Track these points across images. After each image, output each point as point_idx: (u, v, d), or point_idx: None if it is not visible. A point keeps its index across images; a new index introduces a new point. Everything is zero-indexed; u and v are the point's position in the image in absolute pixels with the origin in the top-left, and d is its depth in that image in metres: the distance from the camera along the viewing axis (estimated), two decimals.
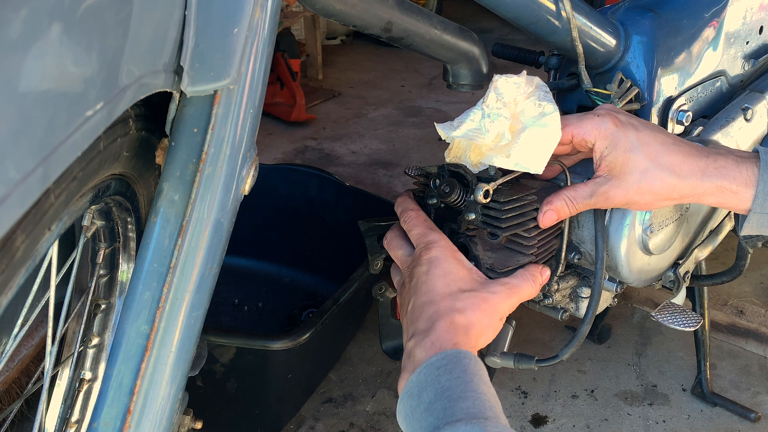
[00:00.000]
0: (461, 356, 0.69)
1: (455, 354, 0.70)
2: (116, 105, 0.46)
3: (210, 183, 0.61)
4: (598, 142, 0.81)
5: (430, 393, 0.68)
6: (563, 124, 0.81)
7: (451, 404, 0.66)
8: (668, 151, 0.80)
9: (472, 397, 0.66)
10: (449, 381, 0.67)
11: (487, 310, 0.75)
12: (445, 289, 0.76)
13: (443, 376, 0.68)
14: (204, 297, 0.65)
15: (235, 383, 1.25)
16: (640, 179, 0.80)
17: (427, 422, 0.66)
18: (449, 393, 0.67)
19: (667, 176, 0.80)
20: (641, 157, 0.79)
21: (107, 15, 0.43)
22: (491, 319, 0.76)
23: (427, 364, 0.70)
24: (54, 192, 0.50)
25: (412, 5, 0.77)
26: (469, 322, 0.74)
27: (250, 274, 1.78)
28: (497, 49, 1.15)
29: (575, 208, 0.83)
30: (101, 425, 0.62)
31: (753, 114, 1.09)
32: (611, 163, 0.80)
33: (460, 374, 0.68)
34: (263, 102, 0.63)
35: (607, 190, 0.81)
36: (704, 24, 1.06)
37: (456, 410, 0.65)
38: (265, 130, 2.80)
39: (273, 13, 0.59)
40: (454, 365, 0.69)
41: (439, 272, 0.77)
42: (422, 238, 0.81)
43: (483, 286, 0.78)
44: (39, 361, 1.22)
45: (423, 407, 0.67)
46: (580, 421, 1.40)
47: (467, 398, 0.66)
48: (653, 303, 1.70)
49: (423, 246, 0.80)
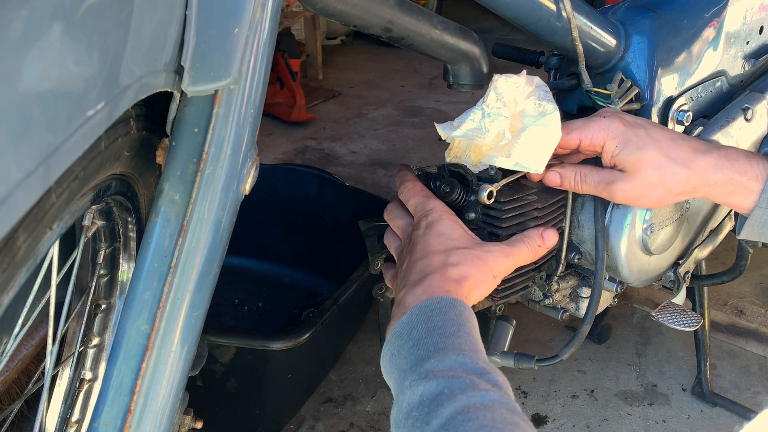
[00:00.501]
0: (456, 303, 0.69)
1: (450, 300, 0.69)
2: (117, 105, 0.46)
3: (210, 183, 0.61)
4: (608, 143, 0.81)
5: (420, 330, 0.66)
6: (569, 129, 0.81)
7: (443, 339, 0.65)
8: (679, 146, 0.81)
9: (464, 337, 0.65)
10: (442, 321, 0.67)
11: (480, 266, 0.75)
12: (440, 246, 0.76)
13: (436, 316, 0.67)
14: (204, 297, 0.65)
15: (235, 383, 1.25)
16: (653, 175, 0.80)
17: (415, 356, 0.64)
18: (441, 330, 0.66)
19: (680, 170, 0.80)
20: (654, 152, 0.80)
21: (108, 15, 0.43)
22: (485, 274, 0.75)
23: (420, 306, 0.69)
24: (55, 191, 0.51)
25: (413, 5, 0.77)
26: (461, 275, 0.73)
27: (250, 274, 1.77)
28: (497, 49, 1.15)
29: (580, 186, 0.84)
30: (102, 425, 0.62)
31: (753, 114, 1.09)
32: (623, 161, 0.81)
33: (454, 317, 0.67)
34: (264, 102, 0.63)
35: (617, 183, 0.81)
36: (704, 24, 1.06)
37: (448, 344, 0.64)
38: (265, 130, 2.80)
39: (273, 13, 0.59)
40: (448, 309, 0.68)
41: (435, 233, 0.77)
42: (420, 206, 0.81)
43: (478, 246, 0.77)
44: (39, 361, 1.22)
45: (411, 343, 0.66)
46: (580, 421, 1.40)
47: (459, 336, 0.65)
48: (653, 303, 1.70)
49: (422, 214, 0.80)
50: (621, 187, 0.81)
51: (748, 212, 0.82)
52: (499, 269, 0.77)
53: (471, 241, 0.78)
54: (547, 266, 0.94)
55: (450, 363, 0.62)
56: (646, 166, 0.80)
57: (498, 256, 0.77)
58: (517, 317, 0.89)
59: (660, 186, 0.81)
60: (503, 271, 0.78)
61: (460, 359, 0.62)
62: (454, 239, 0.77)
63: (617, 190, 0.82)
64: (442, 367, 0.61)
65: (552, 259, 0.94)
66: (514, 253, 0.79)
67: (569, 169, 0.84)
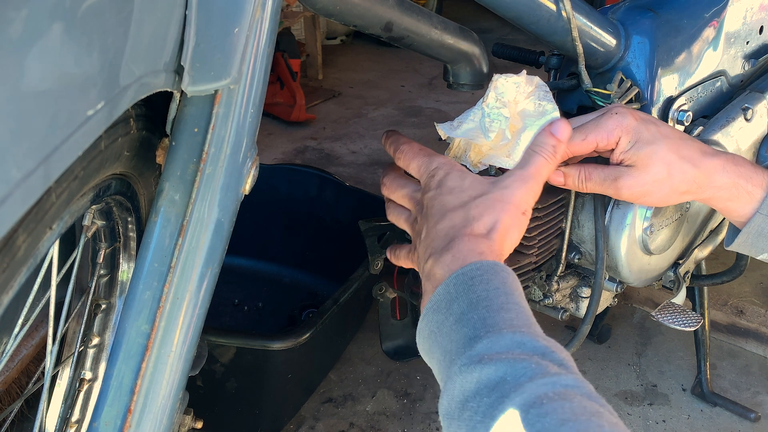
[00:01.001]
0: (499, 268, 0.62)
1: (492, 265, 0.62)
2: (117, 104, 0.46)
3: (210, 183, 0.61)
4: (623, 138, 0.80)
5: (462, 303, 0.59)
6: (583, 134, 0.80)
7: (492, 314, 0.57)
8: (688, 145, 0.81)
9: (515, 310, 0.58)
10: (486, 291, 0.59)
11: (504, 208, 0.68)
12: (456, 202, 0.69)
13: (479, 286, 0.60)
14: (204, 297, 0.65)
15: (235, 383, 1.25)
16: (662, 171, 0.79)
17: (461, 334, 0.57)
18: (487, 303, 0.58)
19: (688, 168, 0.80)
20: (665, 149, 0.79)
21: (108, 14, 0.43)
22: (513, 216, 0.68)
23: (458, 274, 0.61)
24: (55, 191, 0.51)
25: (413, 5, 0.77)
26: (488, 227, 0.67)
27: (250, 274, 1.77)
28: (497, 49, 1.15)
29: (585, 184, 0.82)
30: (102, 425, 0.62)
31: (753, 114, 1.09)
32: (633, 156, 0.80)
33: (499, 285, 0.60)
34: (264, 102, 0.63)
35: (623, 180, 0.80)
36: (704, 24, 1.06)
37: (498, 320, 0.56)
38: (265, 130, 2.80)
39: (273, 13, 0.59)
40: (491, 276, 0.60)
41: (446, 190, 0.71)
42: (424, 167, 0.75)
43: (494, 185, 0.70)
44: (39, 361, 1.22)
45: (453, 319, 0.58)
46: None
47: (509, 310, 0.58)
48: (653, 303, 1.70)
49: (428, 175, 0.74)
50: (627, 182, 0.80)
51: (745, 220, 0.81)
52: (526, 201, 0.70)
53: (485, 185, 0.71)
54: (547, 266, 0.94)
55: (506, 343, 0.54)
56: (656, 162, 0.79)
57: (518, 187, 0.70)
58: None
59: (667, 183, 0.80)
60: (531, 200, 0.71)
61: (517, 338, 0.55)
62: (468, 188, 0.71)
63: (623, 186, 0.80)
64: (498, 349, 0.54)
65: (552, 259, 0.94)
66: (533, 173, 0.72)
67: (573, 168, 0.83)
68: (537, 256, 0.87)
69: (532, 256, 0.85)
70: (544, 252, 0.90)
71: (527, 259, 0.84)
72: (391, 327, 0.96)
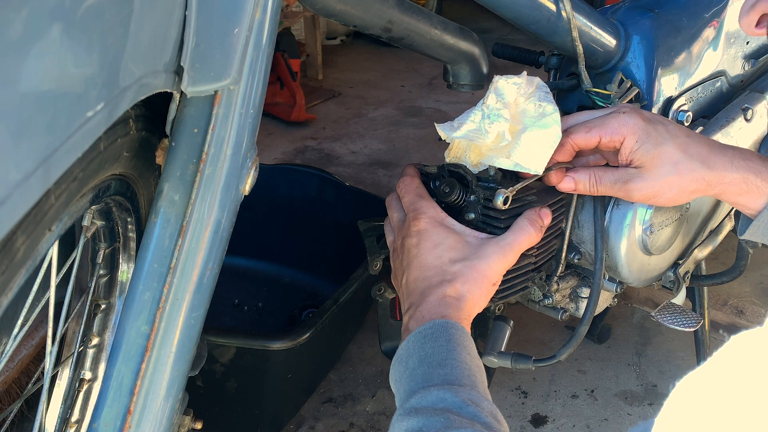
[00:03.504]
0: (447, 326, 0.70)
1: (442, 324, 0.70)
2: (117, 105, 0.46)
3: (210, 183, 0.61)
4: (629, 138, 0.80)
5: (414, 359, 0.69)
6: (588, 128, 0.81)
7: (431, 370, 0.67)
8: (696, 143, 0.81)
9: (451, 365, 0.67)
10: (433, 348, 0.68)
11: (477, 279, 0.75)
12: (435, 261, 0.76)
13: (428, 344, 0.69)
14: (204, 297, 0.65)
15: (235, 383, 1.25)
16: (671, 171, 0.79)
17: (409, 387, 0.67)
18: (430, 359, 0.67)
19: (697, 166, 0.80)
20: (672, 148, 0.79)
21: (108, 15, 0.43)
22: (482, 288, 0.75)
23: (415, 333, 0.70)
24: (54, 192, 0.50)
25: (413, 5, 0.77)
26: (459, 294, 0.74)
27: (250, 274, 1.77)
28: (497, 49, 1.15)
29: (596, 188, 0.82)
30: (101, 425, 0.62)
31: (753, 114, 1.09)
32: (641, 156, 0.80)
33: (444, 343, 0.69)
34: (264, 102, 0.63)
35: (634, 182, 0.80)
36: (704, 24, 1.06)
37: (434, 376, 0.66)
38: (265, 130, 2.80)
39: (273, 13, 0.59)
40: (439, 334, 0.69)
41: (429, 245, 0.77)
42: (412, 205, 0.81)
43: (474, 252, 0.76)
44: (39, 361, 1.22)
45: (408, 373, 0.68)
46: (580, 421, 1.40)
47: (446, 365, 0.67)
48: (653, 303, 1.70)
49: (412, 215, 0.80)
50: (638, 185, 0.80)
51: (756, 213, 0.82)
52: (500, 273, 0.77)
53: (467, 249, 0.77)
54: (547, 266, 0.94)
55: (432, 399, 0.63)
56: (665, 162, 0.79)
57: (496, 259, 0.76)
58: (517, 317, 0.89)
59: (676, 183, 0.80)
60: (504, 271, 0.78)
61: (441, 394, 0.63)
62: (449, 249, 0.76)
63: (634, 189, 0.81)
64: (425, 404, 0.63)
65: (552, 259, 0.94)
66: (513, 246, 0.77)
67: (583, 173, 0.83)
68: (537, 256, 0.87)
69: (531, 257, 0.85)
70: (543, 252, 0.90)
71: (527, 259, 0.84)
72: (390, 328, 0.96)
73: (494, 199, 0.79)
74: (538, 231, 0.80)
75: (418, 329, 0.71)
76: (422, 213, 0.79)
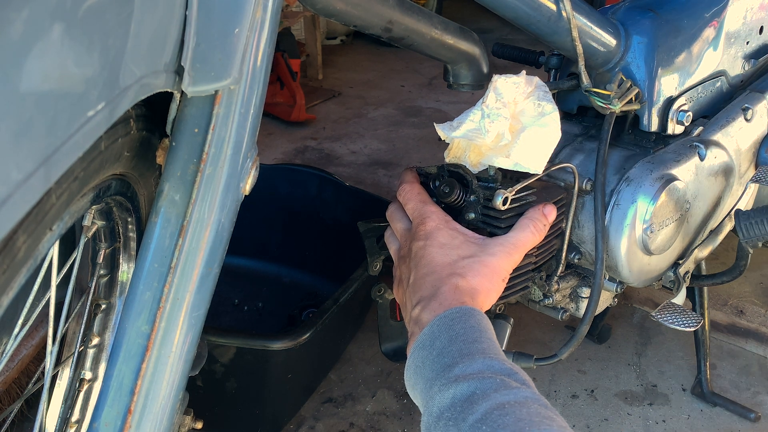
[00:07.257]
0: (474, 312, 0.70)
1: (468, 309, 0.70)
2: (117, 105, 0.46)
3: (211, 183, 0.61)
4: None
5: (443, 339, 0.67)
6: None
7: (467, 346, 0.66)
8: None
9: (487, 342, 0.67)
10: (463, 329, 0.68)
11: (487, 274, 0.76)
12: (444, 259, 0.76)
13: (457, 325, 0.68)
14: (204, 297, 0.65)
15: (235, 383, 1.25)
16: None
17: (441, 364, 0.65)
18: (464, 337, 0.67)
19: None
20: None
21: (108, 15, 0.43)
22: (493, 282, 0.76)
23: (440, 317, 0.69)
24: (55, 192, 0.51)
25: (413, 5, 0.77)
26: (471, 287, 0.74)
27: (250, 274, 1.77)
28: (497, 49, 1.15)
29: None
30: (102, 425, 0.62)
31: (753, 114, 1.09)
32: None
33: (474, 324, 0.68)
34: (264, 102, 0.63)
35: None
36: (704, 24, 1.06)
37: (472, 350, 0.65)
38: (265, 130, 2.80)
39: (274, 13, 0.59)
40: (467, 317, 0.69)
41: (436, 244, 0.78)
42: (417, 212, 0.82)
43: (482, 250, 0.77)
44: (39, 361, 1.22)
45: (436, 353, 0.67)
46: (580, 421, 1.40)
47: (482, 341, 0.66)
48: (653, 303, 1.70)
49: (419, 220, 0.81)
50: None
51: None
52: (507, 270, 0.78)
53: (474, 247, 0.78)
54: (547, 266, 0.94)
55: (478, 366, 0.63)
56: None
57: (503, 257, 0.77)
58: (517, 317, 0.89)
59: None
60: (511, 268, 0.79)
61: (487, 362, 0.63)
62: (456, 248, 0.77)
63: None
64: (471, 371, 0.63)
65: (552, 259, 0.94)
66: (517, 246, 0.79)
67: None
68: (537, 256, 0.87)
69: (532, 257, 0.85)
70: (544, 252, 0.90)
71: (527, 259, 0.84)
72: (390, 328, 0.96)
73: (494, 200, 0.79)
74: (542, 229, 0.81)
75: (442, 314, 0.70)
76: (428, 217, 0.80)
